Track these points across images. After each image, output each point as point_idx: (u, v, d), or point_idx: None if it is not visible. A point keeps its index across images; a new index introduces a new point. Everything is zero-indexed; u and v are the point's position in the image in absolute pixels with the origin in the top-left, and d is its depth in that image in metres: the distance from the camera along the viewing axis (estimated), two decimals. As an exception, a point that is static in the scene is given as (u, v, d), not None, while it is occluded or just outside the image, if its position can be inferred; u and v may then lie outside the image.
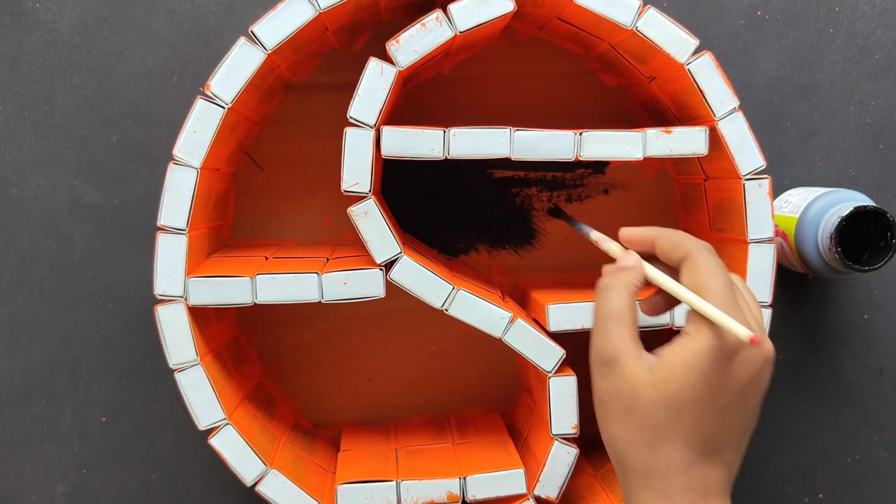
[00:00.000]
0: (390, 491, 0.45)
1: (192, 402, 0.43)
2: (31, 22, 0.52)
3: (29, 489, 0.53)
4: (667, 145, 0.44)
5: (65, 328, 0.53)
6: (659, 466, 0.35)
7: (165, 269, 0.43)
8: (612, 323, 0.36)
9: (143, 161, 0.53)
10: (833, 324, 0.56)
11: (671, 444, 0.35)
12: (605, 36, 0.47)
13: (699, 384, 0.34)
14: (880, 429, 0.56)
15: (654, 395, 0.35)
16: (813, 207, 0.49)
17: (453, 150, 0.42)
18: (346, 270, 0.43)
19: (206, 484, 0.54)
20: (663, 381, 0.34)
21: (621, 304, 0.36)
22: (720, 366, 0.34)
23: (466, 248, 0.54)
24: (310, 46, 0.48)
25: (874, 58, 0.55)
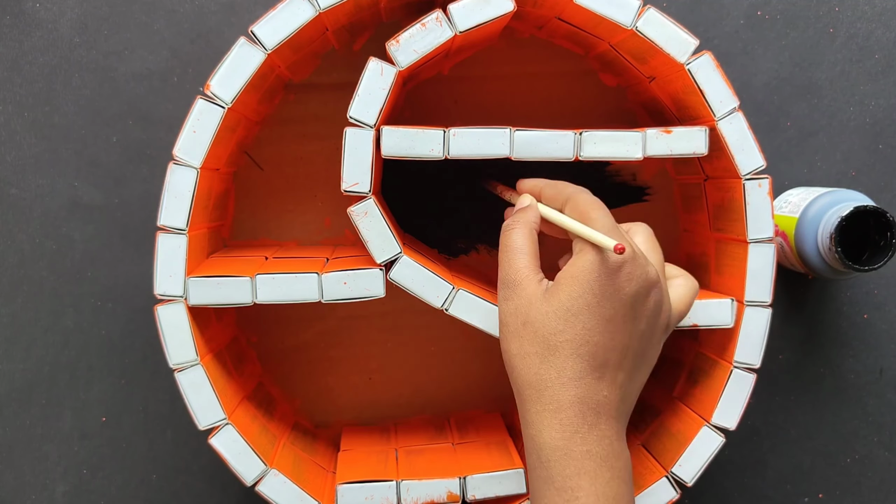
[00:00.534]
0: (390, 491, 0.45)
1: (192, 402, 0.43)
2: (31, 22, 0.52)
3: (29, 489, 0.53)
4: (667, 145, 0.44)
5: (65, 328, 0.53)
6: (550, 377, 0.38)
7: (165, 269, 0.43)
8: (514, 253, 0.40)
9: (143, 161, 0.53)
10: (833, 324, 0.56)
11: (561, 352, 0.37)
12: (605, 36, 0.47)
13: (585, 293, 0.37)
14: (880, 429, 0.56)
15: (546, 307, 0.38)
16: (813, 207, 0.49)
17: (453, 150, 0.42)
18: (346, 270, 0.43)
19: (206, 484, 0.54)
20: (553, 293, 0.38)
21: (521, 238, 0.41)
22: (604, 278, 0.37)
23: (466, 248, 0.54)
24: (310, 46, 0.48)
25: (874, 58, 0.55)
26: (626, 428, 0.40)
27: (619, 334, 0.38)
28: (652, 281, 0.38)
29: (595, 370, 0.37)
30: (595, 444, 0.37)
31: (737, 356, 0.45)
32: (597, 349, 0.37)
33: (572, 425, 0.37)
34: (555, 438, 0.37)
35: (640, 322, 0.38)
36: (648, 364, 0.40)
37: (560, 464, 0.37)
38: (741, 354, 0.45)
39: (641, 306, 0.38)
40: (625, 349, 0.38)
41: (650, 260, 0.40)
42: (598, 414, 0.37)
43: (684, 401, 0.49)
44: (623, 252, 0.36)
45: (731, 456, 0.55)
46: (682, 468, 0.46)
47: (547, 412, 0.38)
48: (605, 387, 0.37)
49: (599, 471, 0.36)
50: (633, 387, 0.39)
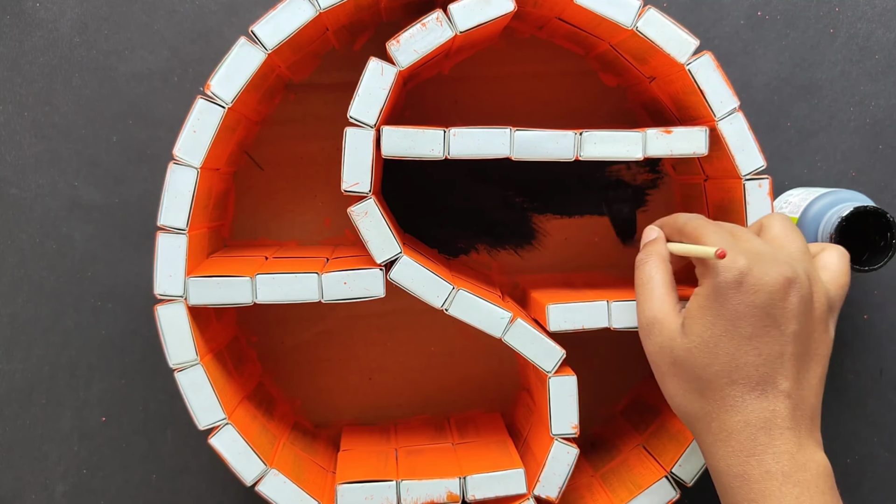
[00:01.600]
0: (390, 491, 0.45)
1: (192, 402, 0.43)
2: (31, 22, 0.52)
3: (29, 489, 0.53)
4: (667, 145, 0.44)
5: (65, 328, 0.53)
6: (712, 408, 0.38)
7: (165, 269, 0.43)
8: (648, 289, 0.41)
9: (143, 161, 0.53)
10: (833, 324, 0.56)
11: (716, 384, 0.38)
12: (606, 36, 0.47)
13: (719, 320, 0.37)
14: (880, 429, 0.56)
15: (688, 342, 0.38)
16: (813, 207, 0.49)
17: (453, 150, 0.42)
18: (346, 270, 0.43)
19: (206, 484, 0.54)
20: (689, 327, 0.38)
21: (653, 271, 0.41)
22: (730, 297, 0.37)
23: (466, 248, 0.54)
24: (310, 46, 0.48)
25: (874, 58, 0.55)
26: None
27: (767, 346, 0.37)
28: (785, 281, 0.37)
29: (754, 389, 0.37)
30: (773, 462, 0.36)
31: (737, 356, 0.45)
32: (749, 369, 0.37)
33: (745, 450, 0.37)
34: (731, 465, 0.37)
35: (788, 325, 0.37)
36: (819, 358, 0.39)
37: (743, 489, 0.36)
38: (741, 354, 0.45)
39: (781, 311, 0.37)
40: (779, 357, 0.37)
41: (788, 251, 0.39)
42: (769, 432, 0.36)
43: (684, 401, 0.49)
44: (724, 256, 0.36)
45: (731, 456, 0.55)
46: (682, 468, 0.46)
47: (719, 441, 0.38)
48: (771, 401, 0.37)
49: (784, 488, 0.36)
50: (806, 388, 0.38)
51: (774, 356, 0.37)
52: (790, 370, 0.37)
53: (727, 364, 0.37)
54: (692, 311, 0.39)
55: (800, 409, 0.38)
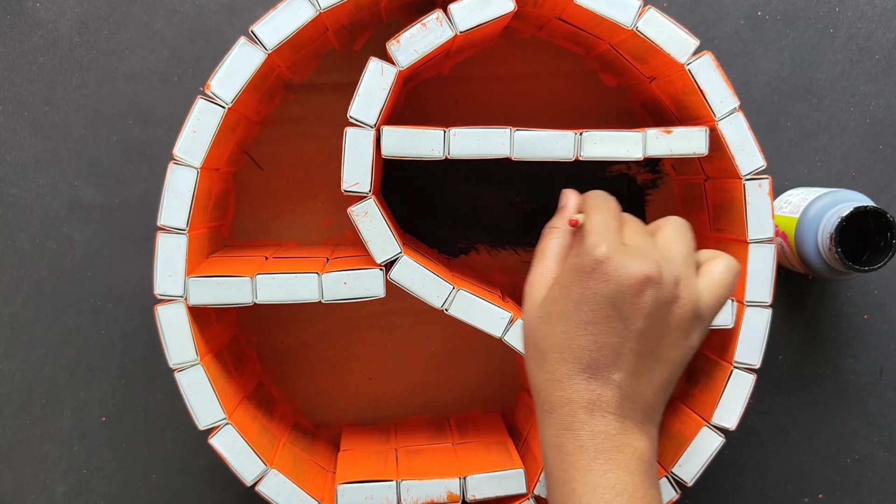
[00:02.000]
0: (390, 491, 0.45)
1: (192, 402, 0.43)
2: (31, 22, 0.52)
3: (29, 489, 0.53)
4: (667, 145, 0.44)
5: (65, 328, 0.53)
6: (542, 379, 0.39)
7: (165, 269, 0.43)
8: (539, 259, 0.42)
9: (143, 161, 0.53)
10: (833, 324, 0.56)
11: (549, 357, 0.39)
12: (606, 36, 0.47)
13: (563, 299, 0.38)
14: (880, 429, 0.56)
15: (537, 313, 0.40)
16: (813, 207, 0.49)
17: (453, 150, 0.42)
18: (346, 270, 0.43)
19: (206, 484, 0.54)
20: (544, 300, 0.40)
21: (550, 242, 0.42)
22: (580, 280, 0.38)
23: (466, 248, 0.54)
24: (310, 46, 0.48)
25: (874, 58, 0.55)
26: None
27: (605, 335, 0.37)
28: (641, 278, 0.36)
29: (583, 371, 0.38)
30: (588, 439, 0.37)
31: (737, 356, 0.45)
32: (581, 352, 0.38)
33: (564, 423, 0.38)
34: (551, 435, 0.38)
35: (634, 321, 0.37)
36: (667, 361, 0.38)
37: (556, 459, 0.38)
38: (741, 355, 0.45)
39: (631, 305, 0.37)
40: (617, 349, 0.37)
41: (668, 253, 0.39)
42: (590, 412, 0.37)
43: (684, 401, 0.49)
44: (575, 225, 0.38)
45: (731, 456, 0.55)
46: (682, 468, 0.46)
47: (543, 412, 0.39)
48: (598, 386, 0.37)
49: (593, 463, 0.36)
50: (644, 385, 0.38)
51: (611, 347, 0.37)
52: (626, 364, 0.37)
53: (561, 341, 0.38)
54: (553, 284, 0.40)
55: (629, 401, 0.38)
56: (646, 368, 0.38)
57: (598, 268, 0.37)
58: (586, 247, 0.38)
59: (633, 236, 0.39)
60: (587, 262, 0.37)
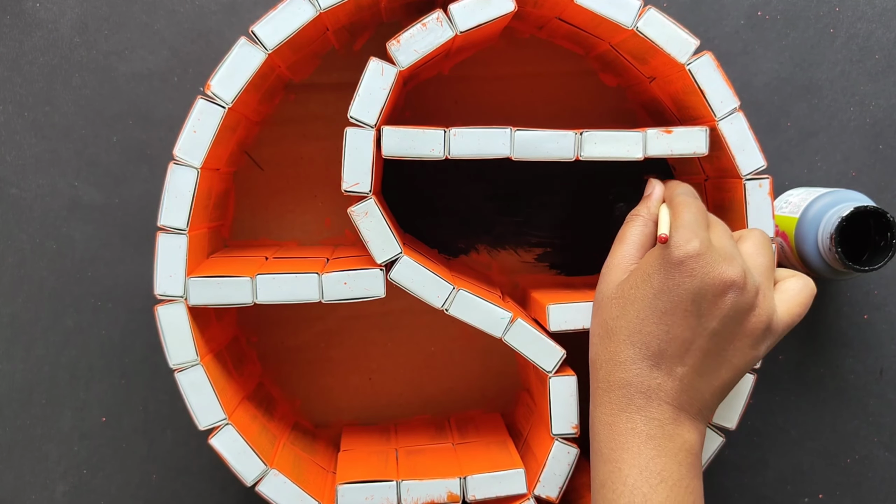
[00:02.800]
0: (390, 491, 0.45)
1: (192, 402, 0.43)
2: (31, 22, 0.52)
3: (29, 489, 0.53)
4: (667, 145, 0.44)
5: (65, 328, 0.53)
6: (605, 358, 0.40)
7: (165, 269, 0.43)
8: (619, 243, 0.43)
9: (143, 161, 0.53)
10: (833, 324, 0.56)
11: (616, 337, 0.40)
12: (606, 36, 0.47)
13: (644, 285, 0.39)
14: (880, 429, 0.56)
15: (614, 292, 0.41)
16: (813, 207, 0.49)
17: (454, 150, 0.42)
18: (347, 270, 0.43)
19: (206, 484, 0.54)
20: (623, 281, 0.41)
21: (633, 229, 0.43)
22: (665, 271, 0.38)
23: (466, 248, 0.54)
24: (310, 46, 0.48)
25: (874, 58, 0.55)
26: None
27: (678, 328, 0.38)
28: (727, 281, 0.37)
29: (648, 358, 0.38)
30: (641, 423, 0.38)
31: (737, 356, 0.45)
32: (650, 339, 0.38)
33: (618, 405, 0.38)
34: (605, 414, 0.39)
35: (709, 320, 0.38)
36: (732, 366, 0.39)
37: (606, 437, 0.39)
38: (741, 354, 0.45)
39: (710, 304, 0.37)
40: (686, 343, 0.38)
41: (752, 262, 0.39)
42: (648, 398, 0.38)
43: (684, 401, 0.49)
44: (664, 242, 0.38)
45: (731, 456, 0.55)
46: (683, 468, 0.46)
47: (600, 390, 0.40)
48: (660, 375, 0.38)
49: (643, 447, 0.37)
50: (704, 383, 0.38)
51: (682, 340, 0.38)
52: (692, 360, 0.38)
53: (632, 324, 0.39)
54: (635, 269, 0.40)
55: (687, 395, 0.38)
56: (709, 368, 0.39)
57: (686, 262, 0.37)
58: (677, 240, 0.38)
59: (720, 238, 0.40)
60: (677, 254, 0.38)
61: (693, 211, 0.40)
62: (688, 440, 0.38)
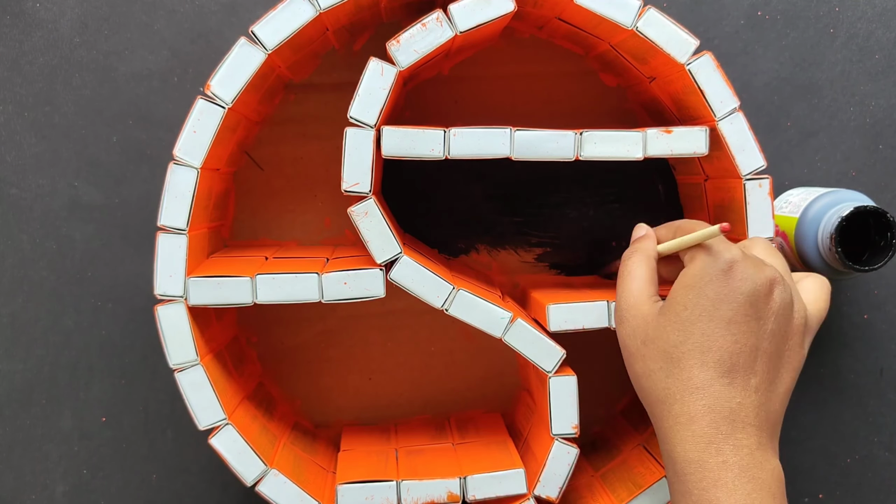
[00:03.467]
0: (390, 491, 0.45)
1: (192, 402, 0.43)
2: (31, 22, 0.52)
3: (29, 489, 0.53)
4: (667, 145, 0.44)
5: (65, 328, 0.53)
6: (677, 389, 0.37)
7: (165, 269, 0.43)
8: (628, 279, 0.41)
9: (143, 161, 0.53)
10: (833, 324, 0.56)
11: (685, 363, 0.37)
12: (606, 36, 0.47)
13: (700, 299, 0.37)
14: (880, 429, 0.56)
15: (663, 320, 0.38)
16: (813, 207, 0.49)
17: (454, 150, 0.42)
18: (347, 270, 0.43)
19: (206, 484, 0.54)
20: (668, 306, 0.38)
21: (636, 265, 0.42)
22: (717, 280, 0.37)
23: (466, 248, 0.54)
24: (310, 46, 0.48)
25: (874, 58, 0.55)
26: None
27: (744, 335, 0.37)
28: (771, 278, 0.37)
29: (723, 376, 0.36)
30: (731, 454, 0.35)
31: (737, 356, 0.45)
32: (722, 353, 0.36)
33: (706, 436, 0.36)
34: (688, 451, 0.36)
35: (767, 321, 0.37)
36: (790, 367, 0.38)
37: (696, 476, 0.36)
38: (741, 354, 0.45)
39: (764, 304, 0.37)
40: (754, 350, 0.37)
41: (774, 264, 0.39)
42: (732, 423, 0.36)
43: (684, 401, 0.49)
44: (728, 230, 0.37)
45: (731, 456, 0.55)
46: (683, 468, 0.46)
47: (679, 425, 0.37)
48: (738, 392, 0.36)
49: (738, 482, 0.35)
50: (775, 392, 0.38)
51: (750, 347, 0.37)
52: (762, 367, 0.37)
53: (700, 344, 0.37)
54: (675, 291, 0.39)
55: (764, 410, 0.37)
56: (776, 374, 0.38)
57: (734, 266, 0.37)
58: (715, 251, 0.38)
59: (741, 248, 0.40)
60: (722, 261, 0.37)
61: (706, 227, 0.40)
62: (776, 467, 0.37)
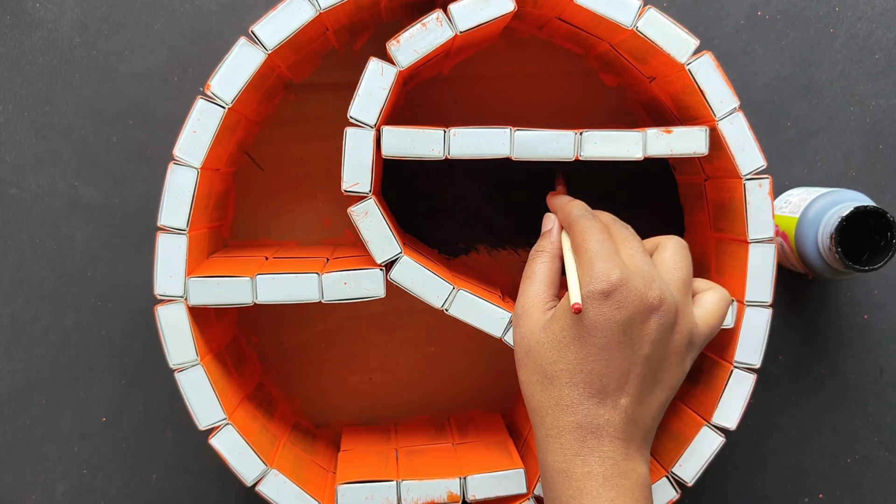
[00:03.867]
0: (390, 491, 0.45)
1: (192, 402, 0.43)
2: (31, 22, 0.52)
3: (29, 489, 0.53)
4: (667, 145, 0.44)
5: (65, 328, 0.53)
6: (548, 404, 0.39)
7: (165, 269, 0.43)
8: (527, 282, 0.42)
9: (143, 161, 0.53)
10: (833, 324, 0.56)
11: (557, 381, 0.39)
12: (606, 36, 0.47)
13: (576, 325, 0.38)
14: (880, 429, 0.56)
15: (543, 337, 0.39)
16: (813, 207, 0.49)
17: (453, 150, 0.42)
18: (347, 270, 0.43)
19: (206, 484, 0.54)
20: (550, 323, 0.39)
21: (539, 266, 0.43)
22: (594, 307, 0.37)
23: (466, 248, 0.54)
24: (310, 46, 0.48)
25: (874, 58, 0.55)
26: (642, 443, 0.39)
27: (616, 361, 0.38)
28: (650, 306, 0.38)
29: (593, 396, 0.38)
30: (596, 464, 0.37)
31: (737, 356, 0.45)
32: (592, 377, 0.38)
33: (572, 449, 0.38)
34: (557, 461, 0.38)
35: (642, 347, 0.38)
36: (665, 385, 0.39)
37: (563, 485, 0.38)
38: (741, 354, 0.45)
39: (639, 332, 0.38)
40: (624, 374, 0.38)
41: (669, 277, 0.40)
42: (599, 437, 0.37)
43: (684, 401, 0.49)
44: (579, 312, 0.37)
45: (731, 456, 0.55)
46: (683, 468, 0.46)
47: (549, 437, 0.39)
48: (606, 411, 0.38)
49: (602, 490, 0.37)
50: (645, 409, 0.39)
51: (621, 372, 0.38)
52: (633, 389, 0.38)
53: (572, 366, 0.38)
54: (558, 310, 0.39)
55: (633, 425, 0.38)
56: (648, 392, 0.39)
57: (612, 294, 0.37)
58: (598, 273, 0.38)
59: (632, 256, 0.39)
60: (600, 288, 0.37)
61: (598, 237, 0.40)
62: (640, 473, 0.38)
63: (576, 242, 0.41)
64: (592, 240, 0.39)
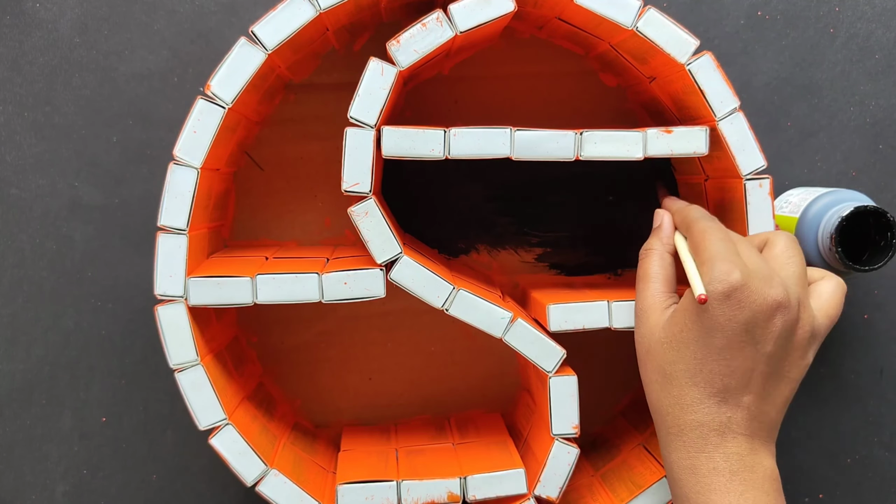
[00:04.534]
0: (390, 491, 0.45)
1: (192, 402, 0.43)
2: (31, 22, 0.52)
3: (29, 489, 0.53)
4: (667, 145, 0.44)
5: (65, 328, 0.53)
6: (669, 403, 0.39)
7: (165, 269, 0.43)
8: (644, 282, 0.42)
9: (143, 161, 0.53)
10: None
11: (677, 381, 0.39)
12: (606, 36, 0.47)
13: (695, 325, 0.38)
14: (880, 429, 0.56)
15: (662, 337, 0.40)
16: (813, 207, 0.49)
17: (454, 150, 0.42)
18: (347, 270, 0.43)
19: (206, 484, 0.54)
20: (669, 323, 0.40)
21: (653, 265, 0.42)
22: (714, 307, 0.37)
23: (466, 248, 0.54)
24: (310, 46, 0.48)
25: (874, 58, 0.55)
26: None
27: (737, 360, 0.37)
28: (774, 304, 0.37)
29: (714, 395, 0.38)
30: (722, 460, 0.37)
31: (737, 356, 0.45)
32: (712, 376, 0.38)
33: (695, 446, 0.38)
34: (681, 458, 0.38)
35: (765, 345, 0.38)
36: (789, 380, 0.39)
37: (689, 482, 0.38)
38: (741, 354, 0.45)
39: (762, 330, 0.37)
40: (748, 372, 0.38)
41: (786, 272, 0.39)
42: (722, 434, 0.38)
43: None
44: (704, 302, 0.37)
45: (731, 456, 0.55)
46: (683, 468, 0.46)
47: (671, 435, 0.39)
48: (729, 409, 0.38)
49: (730, 485, 0.37)
50: (769, 404, 0.39)
51: (743, 371, 0.38)
52: (756, 387, 0.38)
53: (692, 366, 0.38)
54: (678, 309, 0.40)
55: (757, 421, 0.38)
56: (771, 389, 0.39)
57: (733, 294, 0.37)
58: (718, 273, 0.37)
59: (750, 258, 0.39)
60: (722, 289, 0.37)
61: (719, 236, 0.39)
62: (768, 467, 0.38)
63: (695, 242, 0.40)
64: (714, 239, 0.39)
